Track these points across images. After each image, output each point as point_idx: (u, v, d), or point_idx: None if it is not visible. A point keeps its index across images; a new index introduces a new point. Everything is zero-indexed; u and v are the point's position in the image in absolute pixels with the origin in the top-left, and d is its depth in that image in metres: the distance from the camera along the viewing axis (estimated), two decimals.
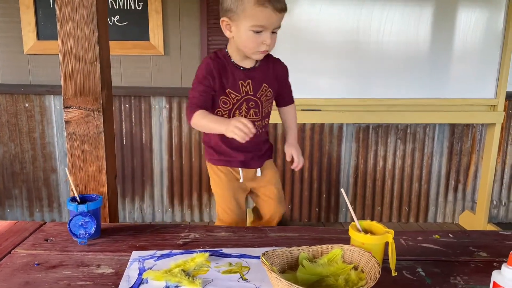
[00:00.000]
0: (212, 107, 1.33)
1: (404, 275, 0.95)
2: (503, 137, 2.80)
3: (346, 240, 1.06)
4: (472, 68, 2.46)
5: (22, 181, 2.75)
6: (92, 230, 1.06)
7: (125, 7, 2.52)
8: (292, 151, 1.44)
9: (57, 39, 1.38)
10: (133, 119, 2.68)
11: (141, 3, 2.52)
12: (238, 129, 1.09)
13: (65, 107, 1.41)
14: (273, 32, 1.25)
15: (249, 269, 0.96)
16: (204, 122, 1.22)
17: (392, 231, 0.93)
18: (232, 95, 1.33)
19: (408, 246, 1.11)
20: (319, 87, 2.41)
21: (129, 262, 0.97)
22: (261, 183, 1.50)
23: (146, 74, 2.63)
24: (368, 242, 0.92)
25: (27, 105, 2.64)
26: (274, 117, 1.54)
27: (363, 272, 0.86)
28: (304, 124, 2.72)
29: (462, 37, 2.40)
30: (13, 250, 1.03)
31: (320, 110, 2.40)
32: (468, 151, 2.83)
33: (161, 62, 2.62)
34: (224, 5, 1.23)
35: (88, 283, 0.89)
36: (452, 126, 2.78)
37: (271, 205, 1.53)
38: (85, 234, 1.06)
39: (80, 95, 1.40)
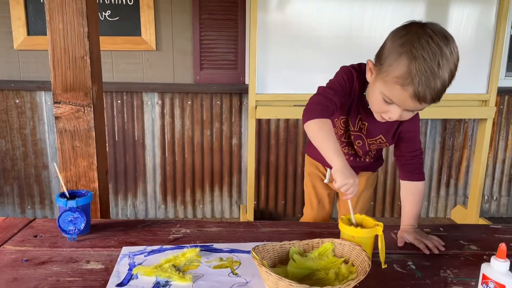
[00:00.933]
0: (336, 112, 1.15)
1: (395, 268, 0.96)
2: (495, 132, 2.81)
3: (337, 235, 1.06)
4: (463, 63, 2.42)
5: (13, 178, 2.73)
6: (82, 226, 1.05)
7: (117, 2, 2.50)
8: (409, 238, 1.10)
9: (47, 34, 1.37)
10: (125, 115, 2.67)
11: None
12: (345, 187, 0.95)
13: (55, 102, 1.39)
14: (407, 110, 1.02)
15: (240, 263, 0.95)
16: (323, 136, 1.01)
17: (381, 224, 0.93)
18: (349, 122, 1.20)
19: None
20: (312, 82, 2.39)
21: (119, 258, 0.97)
22: None
23: (138, 70, 2.61)
24: (358, 235, 0.93)
25: (17, 101, 2.61)
26: None
27: (353, 265, 0.86)
28: (297, 120, 2.72)
29: (454, 32, 2.36)
30: (1, 247, 1.02)
31: None
32: (460, 146, 2.84)
33: (153, 57, 2.60)
34: (381, 50, 1.05)
35: (77, 279, 0.88)
36: (444, 122, 2.79)
37: (346, 209, 1.43)
38: (75, 230, 1.05)
39: (70, 90, 1.39)
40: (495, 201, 2.96)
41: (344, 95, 1.11)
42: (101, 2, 2.48)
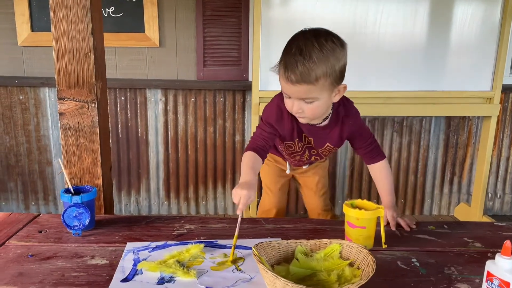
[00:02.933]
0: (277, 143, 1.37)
1: (399, 265, 0.96)
2: (499, 130, 2.80)
3: (341, 231, 1.07)
4: (468, 60, 2.45)
5: (17, 174, 2.74)
6: (86, 221, 1.05)
7: None
8: (389, 217, 1.19)
9: (51, 31, 1.37)
10: (128, 112, 2.67)
11: None
12: (236, 194, 1.03)
13: (59, 98, 1.40)
14: (306, 102, 1.11)
15: (244, 260, 0.96)
16: (242, 164, 1.18)
17: (382, 206, 1.01)
18: (298, 144, 1.31)
19: (403, 237, 1.12)
20: None
21: (123, 253, 0.97)
22: (306, 173, 1.57)
23: (142, 66, 2.61)
24: (363, 217, 0.99)
25: (21, 97, 2.62)
26: None
27: (359, 269, 0.85)
28: None
29: (459, 29, 2.40)
30: (6, 242, 1.03)
31: None
32: (464, 144, 2.84)
33: (156, 54, 2.60)
34: None
35: (82, 274, 0.89)
36: (448, 119, 2.78)
37: (309, 196, 1.61)
38: (79, 225, 1.05)
39: (74, 86, 1.39)
40: (499, 199, 2.95)
41: (276, 127, 1.24)
42: None
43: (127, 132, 2.70)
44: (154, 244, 1.03)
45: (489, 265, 0.77)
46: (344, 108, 1.25)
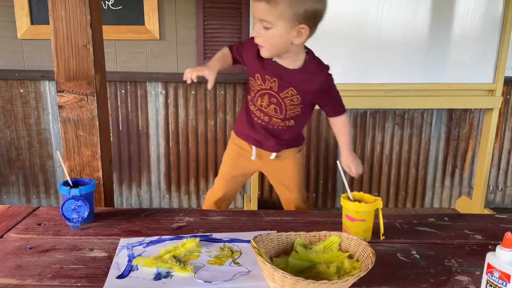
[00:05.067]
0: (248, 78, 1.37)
1: (399, 257, 0.95)
2: (501, 122, 2.79)
3: (340, 224, 1.06)
4: (470, 52, 2.43)
5: (19, 167, 2.74)
6: (85, 214, 1.05)
7: None
8: (349, 164, 1.35)
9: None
10: (129, 105, 2.66)
11: None
12: (189, 70, 1.22)
13: (58, 91, 1.39)
14: (265, 28, 1.16)
15: (241, 253, 0.95)
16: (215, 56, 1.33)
17: (380, 198, 1.01)
18: (258, 81, 1.31)
19: (403, 229, 1.11)
20: None
21: (117, 250, 0.96)
22: (276, 168, 1.48)
23: (142, 59, 2.60)
24: (362, 210, 0.99)
25: (22, 90, 2.61)
26: None
27: (358, 261, 0.85)
28: None
29: (461, 21, 2.38)
30: (5, 234, 1.03)
31: None
32: (466, 137, 2.82)
33: (156, 47, 2.59)
34: None
35: (80, 266, 0.89)
36: (450, 111, 2.77)
37: (283, 192, 1.51)
38: (78, 218, 1.05)
39: (73, 79, 1.38)
40: (500, 192, 2.95)
41: (242, 51, 1.34)
42: None
43: (127, 125, 2.69)
44: (148, 239, 1.02)
45: (490, 257, 0.77)
46: (318, 63, 1.31)
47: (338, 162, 1.10)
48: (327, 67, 1.33)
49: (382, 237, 1.03)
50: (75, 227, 1.05)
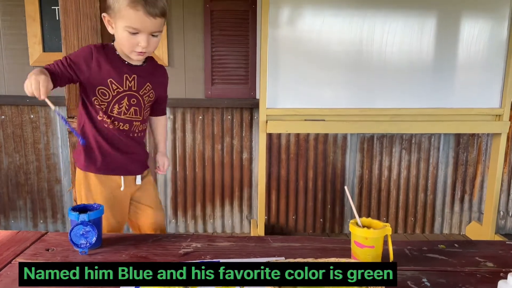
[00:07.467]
0: (88, 97, 1.29)
1: (409, 285, 0.94)
2: (509, 147, 2.77)
3: (349, 250, 1.05)
4: (476, 77, 2.45)
5: (27, 192, 2.76)
6: (93, 239, 1.05)
7: None
8: (164, 160, 1.55)
9: (62, 51, 1.40)
10: None
11: None
12: (28, 83, 1.13)
13: (69, 117, 1.42)
14: (153, 35, 1.22)
15: None
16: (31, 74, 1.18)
17: (389, 224, 1.00)
18: (113, 86, 1.27)
19: (413, 256, 1.09)
20: (322, 97, 2.41)
21: None
22: (141, 191, 1.44)
23: None
24: (371, 236, 0.98)
25: (32, 116, 2.66)
26: None
27: None
28: (308, 134, 2.72)
29: (466, 46, 2.40)
30: (13, 260, 1.03)
31: (324, 120, 2.39)
32: (474, 161, 2.81)
33: None
34: (107, 2, 1.22)
35: None
36: (457, 136, 2.76)
37: (149, 214, 1.46)
38: (86, 243, 1.05)
39: None
40: (511, 217, 2.90)
41: (75, 68, 1.25)
42: None
43: None
44: None
45: (502, 285, 0.76)
46: (152, 58, 1.39)
47: (345, 187, 1.09)
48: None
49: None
50: (83, 252, 1.05)
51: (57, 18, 2.52)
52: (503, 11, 2.38)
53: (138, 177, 1.42)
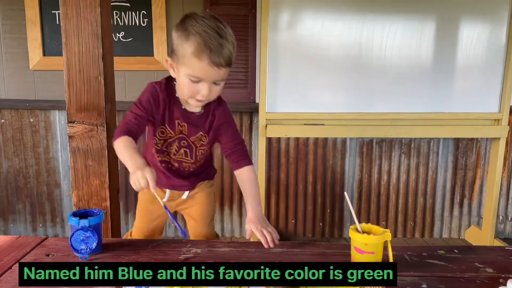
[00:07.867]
0: (154, 132, 1.30)
1: None
2: (508, 152, 2.78)
3: (349, 256, 1.05)
4: (475, 82, 2.46)
5: (26, 196, 2.76)
6: (94, 245, 1.05)
7: (130, 24, 2.56)
8: (252, 228, 1.21)
9: (62, 55, 1.40)
10: None
11: (145, 20, 2.56)
12: (136, 180, 1.04)
13: (69, 122, 1.42)
14: (215, 84, 1.17)
15: None
16: (122, 150, 1.16)
17: (388, 230, 1.01)
18: (167, 130, 1.28)
19: (413, 262, 1.10)
20: (322, 101, 2.42)
21: None
22: (188, 203, 1.44)
23: None
24: (371, 242, 0.98)
25: (32, 120, 2.66)
26: None
27: None
28: (307, 139, 2.72)
29: (465, 51, 2.41)
30: (14, 266, 1.03)
31: (323, 125, 2.40)
32: (473, 166, 2.81)
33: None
34: (172, 45, 1.18)
35: None
36: (457, 140, 2.77)
37: (192, 225, 1.47)
38: (86, 249, 1.05)
39: (84, 110, 1.41)
40: (510, 222, 2.90)
41: (149, 110, 1.24)
42: (115, 23, 2.54)
43: None
44: None
45: None
46: (217, 98, 1.28)
47: (345, 193, 1.09)
48: (223, 101, 1.34)
49: None
50: (83, 258, 1.05)
51: (58, 22, 2.52)
52: (501, 15, 2.39)
53: (186, 192, 1.40)
